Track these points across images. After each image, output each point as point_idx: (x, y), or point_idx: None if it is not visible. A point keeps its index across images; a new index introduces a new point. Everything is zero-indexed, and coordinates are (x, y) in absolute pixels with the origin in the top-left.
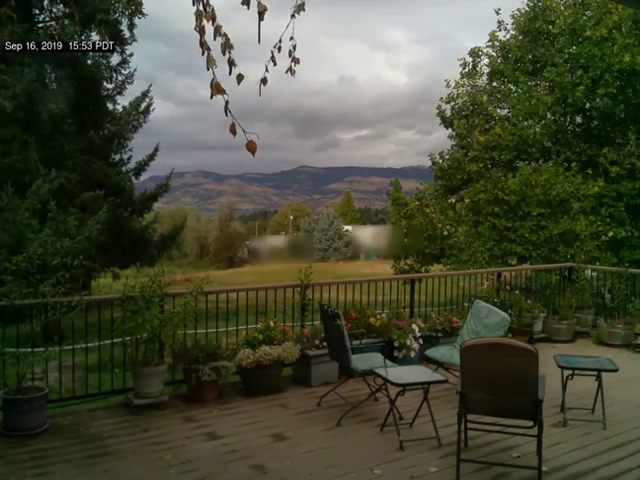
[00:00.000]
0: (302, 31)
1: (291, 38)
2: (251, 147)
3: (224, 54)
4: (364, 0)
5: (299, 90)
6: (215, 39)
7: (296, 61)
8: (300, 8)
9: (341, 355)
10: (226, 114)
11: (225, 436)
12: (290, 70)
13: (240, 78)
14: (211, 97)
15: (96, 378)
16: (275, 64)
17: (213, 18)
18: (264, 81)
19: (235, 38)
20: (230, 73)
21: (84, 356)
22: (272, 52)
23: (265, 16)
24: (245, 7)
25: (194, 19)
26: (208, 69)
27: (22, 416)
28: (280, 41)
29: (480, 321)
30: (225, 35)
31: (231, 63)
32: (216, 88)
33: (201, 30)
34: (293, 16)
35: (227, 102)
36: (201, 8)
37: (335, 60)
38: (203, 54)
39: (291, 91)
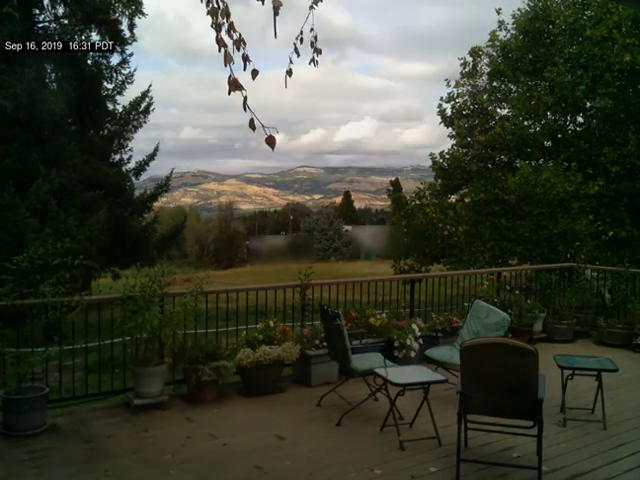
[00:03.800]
0: None
1: (311, 29)
2: (271, 141)
3: (238, 50)
4: None
5: None
6: (230, 35)
7: (318, 52)
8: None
9: (341, 355)
10: (245, 109)
11: (225, 436)
12: (313, 61)
13: (255, 73)
14: (229, 93)
15: (96, 378)
16: (299, 55)
17: (227, 15)
18: (289, 73)
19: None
20: (245, 69)
21: (84, 356)
22: (294, 44)
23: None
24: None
25: (210, 17)
26: (226, 65)
27: (22, 416)
28: (301, 32)
29: (480, 321)
30: (237, 32)
31: (245, 59)
32: (234, 84)
33: (217, 27)
34: (312, 7)
35: (245, 98)
36: (215, 5)
37: None
38: (220, 51)
39: None
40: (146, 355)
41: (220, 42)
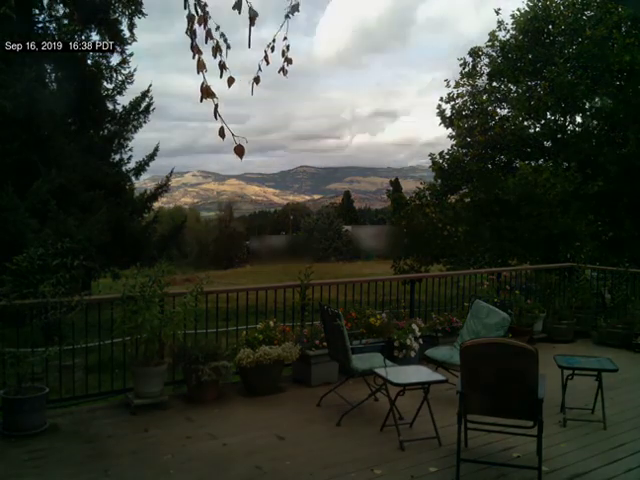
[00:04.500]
0: None
1: (285, 38)
2: (239, 151)
3: (215, 57)
4: None
5: None
6: (207, 42)
7: (289, 61)
8: (295, 9)
9: (341, 355)
10: (215, 117)
11: (225, 436)
12: (283, 70)
13: (231, 81)
14: (201, 100)
15: (96, 378)
16: (268, 63)
17: (205, 21)
18: (257, 80)
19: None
20: (221, 76)
21: (84, 356)
22: (265, 52)
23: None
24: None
25: (186, 22)
26: (198, 73)
27: (22, 416)
28: (274, 40)
29: (480, 321)
30: (214, 39)
31: (222, 66)
32: (206, 91)
33: (192, 34)
34: (287, 17)
35: (217, 105)
36: (193, 12)
37: None
38: (194, 57)
39: None
40: (146, 355)
41: (195, 49)
